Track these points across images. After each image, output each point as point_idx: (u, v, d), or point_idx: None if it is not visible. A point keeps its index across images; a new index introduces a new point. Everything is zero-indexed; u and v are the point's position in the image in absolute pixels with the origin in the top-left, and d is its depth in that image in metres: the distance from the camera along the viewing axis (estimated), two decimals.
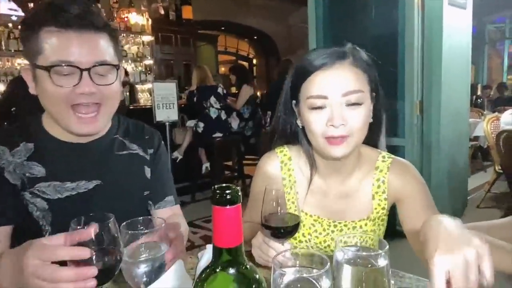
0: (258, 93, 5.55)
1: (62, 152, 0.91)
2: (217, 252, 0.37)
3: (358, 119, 0.81)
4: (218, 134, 3.95)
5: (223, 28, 9.28)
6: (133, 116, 1.19)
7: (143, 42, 5.88)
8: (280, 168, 0.96)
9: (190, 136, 4.09)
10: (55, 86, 0.81)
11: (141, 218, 0.68)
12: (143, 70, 5.89)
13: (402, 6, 2.90)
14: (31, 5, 4.80)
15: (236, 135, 4.21)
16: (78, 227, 0.60)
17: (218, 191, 0.36)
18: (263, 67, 10.95)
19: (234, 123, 4.30)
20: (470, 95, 3.62)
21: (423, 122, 2.99)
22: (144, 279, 0.63)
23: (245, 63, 11.03)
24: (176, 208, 1.05)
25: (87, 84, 0.82)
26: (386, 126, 1.00)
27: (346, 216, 0.91)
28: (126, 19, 5.62)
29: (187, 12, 6.38)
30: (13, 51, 4.69)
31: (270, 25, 9.44)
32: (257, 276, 0.39)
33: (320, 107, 0.81)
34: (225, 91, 4.22)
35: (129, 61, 5.74)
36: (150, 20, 5.82)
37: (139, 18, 5.72)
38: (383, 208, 0.92)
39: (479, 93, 7.39)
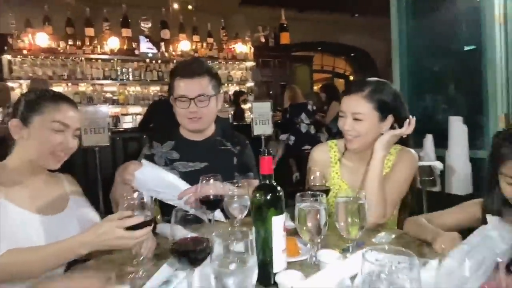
0: None
1: (188, 146, 1.55)
2: (262, 176, 0.86)
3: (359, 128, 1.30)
4: (307, 147, 4.40)
5: (319, 48, 9.78)
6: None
7: (246, 67, 6.76)
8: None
9: (282, 149, 4.64)
10: (179, 108, 1.48)
11: None
12: (245, 91, 6.75)
13: (483, 21, 2.97)
14: (162, 44, 6.08)
15: None
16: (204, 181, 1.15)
17: (261, 151, 0.84)
18: None
19: (323, 137, 4.70)
20: None
21: None
22: None
23: (341, 80, 11.27)
24: (253, 180, 1.54)
25: (193, 107, 1.46)
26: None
27: None
28: (232, 49, 6.58)
29: (285, 38, 7.08)
30: (148, 80, 5.99)
31: (367, 42, 9.52)
32: (279, 188, 0.86)
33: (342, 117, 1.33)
34: (314, 108, 4.69)
35: (234, 84, 6.67)
36: (252, 48, 6.69)
37: (243, 47, 6.64)
38: (388, 167, 1.39)
39: None
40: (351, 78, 11.74)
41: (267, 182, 0.85)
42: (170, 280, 0.78)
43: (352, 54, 10.72)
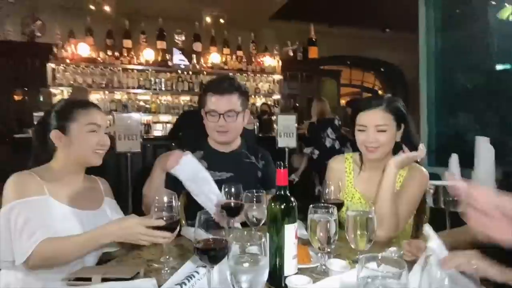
0: None
1: (216, 156, 1.67)
2: (278, 187, 0.94)
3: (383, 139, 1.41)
4: None
5: (348, 62, 9.76)
6: (260, 143, 1.89)
7: (273, 80, 6.90)
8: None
9: (306, 162, 4.69)
10: (209, 122, 1.61)
11: None
12: (272, 104, 6.87)
13: None
14: (193, 56, 6.33)
15: None
16: (226, 189, 1.25)
17: (278, 164, 0.94)
18: None
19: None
20: None
21: None
22: None
23: (370, 95, 11.16)
24: None
25: (222, 121, 1.58)
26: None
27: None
28: (261, 62, 6.75)
29: (313, 52, 7.17)
30: (179, 91, 6.24)
31: (398, 57, 9.39)
32: (293, 199, 0.94)
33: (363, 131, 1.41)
34: (340, 123, 4.72)
35: (261, 97, 6.82)
36: (280, 61, 6.83)
37: (271, 60, 6.79)
38: (400, 182, 1.49)
39: None
40: (380, 92, 11.62)
41: (282, 193, 0.94)
42: (193, 275, 0.88)
43: (382, 69, 10.64)
